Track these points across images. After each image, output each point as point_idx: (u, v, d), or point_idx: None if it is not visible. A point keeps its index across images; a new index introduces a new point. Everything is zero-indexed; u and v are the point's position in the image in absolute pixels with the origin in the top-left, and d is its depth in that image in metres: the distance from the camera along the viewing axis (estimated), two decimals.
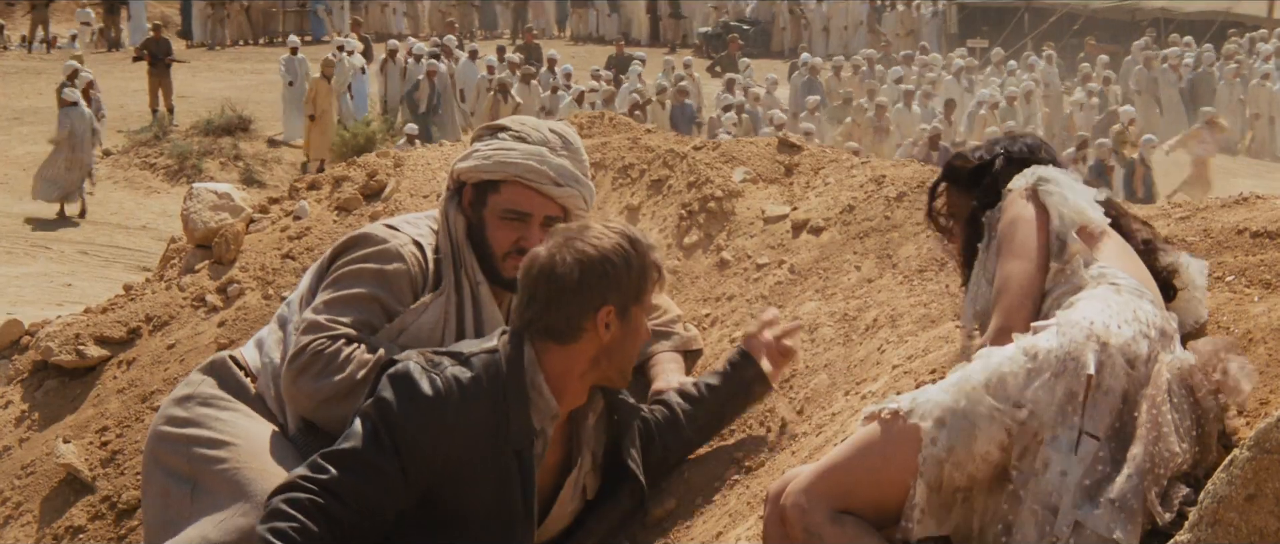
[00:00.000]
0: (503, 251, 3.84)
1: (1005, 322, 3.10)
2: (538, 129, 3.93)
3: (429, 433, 3.25)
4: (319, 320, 3.74)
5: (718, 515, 3.85)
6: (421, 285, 3.84)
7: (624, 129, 5.71)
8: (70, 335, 5.47)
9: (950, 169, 3.49)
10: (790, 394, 4.21)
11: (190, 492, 3.69)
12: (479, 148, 3.91)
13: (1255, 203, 4.02)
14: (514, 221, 3.84)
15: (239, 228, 5.69)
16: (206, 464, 3.70)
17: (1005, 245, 3.20)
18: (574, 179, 3.88)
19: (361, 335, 3.74)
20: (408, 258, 3.82)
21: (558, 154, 3.88)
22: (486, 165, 3.85)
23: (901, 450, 2.91)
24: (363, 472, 3.23)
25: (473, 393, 3.29)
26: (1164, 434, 2.84)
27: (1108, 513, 2.78)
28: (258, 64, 30.94)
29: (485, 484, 3.28)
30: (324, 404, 3.68)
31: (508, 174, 3.83)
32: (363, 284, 3.79)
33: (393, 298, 3.80)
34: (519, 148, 3.85)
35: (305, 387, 3.69)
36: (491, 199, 3.85)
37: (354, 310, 3.76)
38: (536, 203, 3.84)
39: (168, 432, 3.84)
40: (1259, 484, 2.50)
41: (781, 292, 4.62)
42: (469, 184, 3.89)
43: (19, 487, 5.13)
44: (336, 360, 3.67)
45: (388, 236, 3.86)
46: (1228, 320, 3.31)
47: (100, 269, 17.75)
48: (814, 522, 2.94)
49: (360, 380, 3.62)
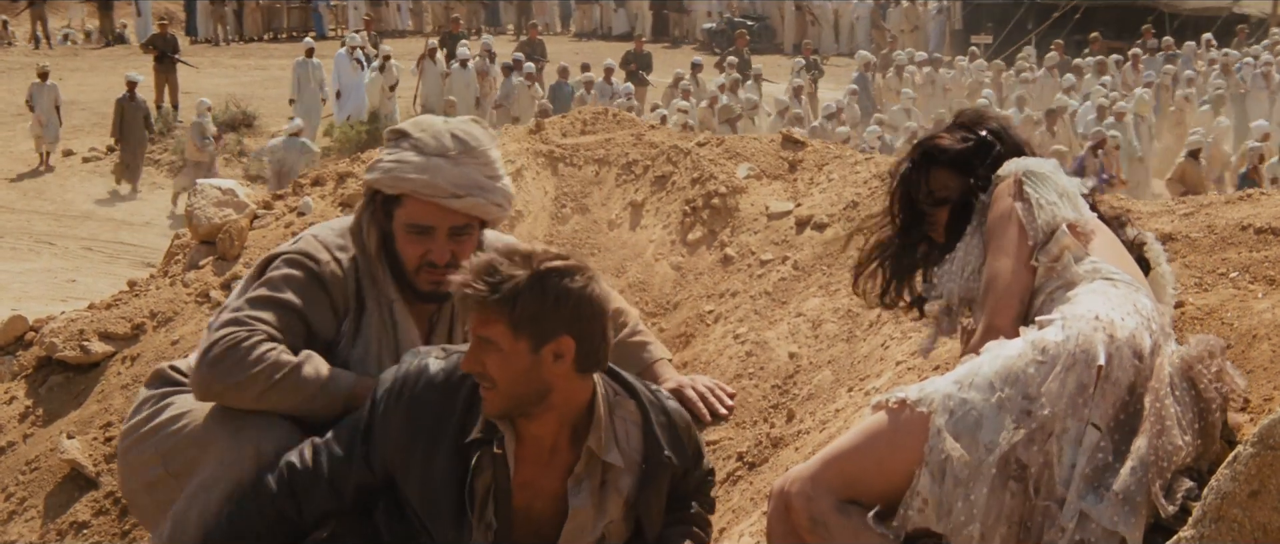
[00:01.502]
0: (413, 266, 3.72)
1: (992, 319, 3.10)
2: (437, 136, 3.75)
3: (388, 414, 3.28)
4: (237, 316, 3.65)
5: (721, 511, 3.85)
6: (342, 308, 3.74)
7: (628, 125, 5.71)
8: (74, 331, 5.48)
9: (940, 150, 3.43)
10: (794, 391, 4.21)
11: (165, 470, 3.69)
12: (382, 158, 3.77)
13: (1259, 199, 4.02)
14: (419, 236, 3.71)
15: (243, 224, 5.69)
16: (170, 440, 3.68)
17: (993, 240, 3.19)
18: (476, 188, 3.72)
19: (280, 337, 3.63)
20: (330, 280, 3.72)
21: (458, 162, 3.71)
22: (386, 179, 3.72)
23: (908, 440, 2.90)
24: (337, 447, 3.33)
25: (437, 382, 3.28)
26: (1167, 427, 2.84)
27: (1112, 506, 2.78)
28: (262, 61, 30.92)
29: (433, 474, 3.25)
30: (231, 400, 3.59)
31: (404, 189, 3.69)
32: (289, 292, 3.69)
33: (313, 317, 3.70)
34: (414, 161, 3.70)
35: (214, 382, 3.57)
36: (397, 212, 3.73)
37: (276, 312, 3.66)
38: (438, 216, 3.70)
39: (129, 442, 3.84)
40: (1263, 480, 2.50)
41: (785, 287, 4.62)
42: (379, 195, 3.77)
43: (23, 482, 5.14)
44: (250, 357, 3.55)
45: (317, 253, 3.75)
46: (1231, 317, 3.31)
47: (105, 265, 17.75)
48: (819, 510, 2.94)
49: (277, 382, 3.54)
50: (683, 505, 3.44)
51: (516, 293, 3.06)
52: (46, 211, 20.86)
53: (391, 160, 3.72)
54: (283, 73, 26.53)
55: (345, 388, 3.60)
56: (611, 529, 3.35)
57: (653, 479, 3.33)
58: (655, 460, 3.32)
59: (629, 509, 3.34)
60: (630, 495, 3.32)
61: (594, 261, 5.12)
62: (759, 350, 4.41)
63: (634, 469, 3.32)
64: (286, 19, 34.77)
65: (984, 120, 3.46)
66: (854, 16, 34.08)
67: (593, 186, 5.39)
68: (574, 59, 27.43)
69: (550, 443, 3.26)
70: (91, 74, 28.97)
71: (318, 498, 3.32)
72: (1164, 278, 3.30)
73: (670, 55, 32.81)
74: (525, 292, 3.06)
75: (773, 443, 3.99)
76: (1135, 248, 3.30)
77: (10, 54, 31.34)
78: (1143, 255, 3.30)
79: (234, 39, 33.71)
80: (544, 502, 3.30)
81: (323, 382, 3.58)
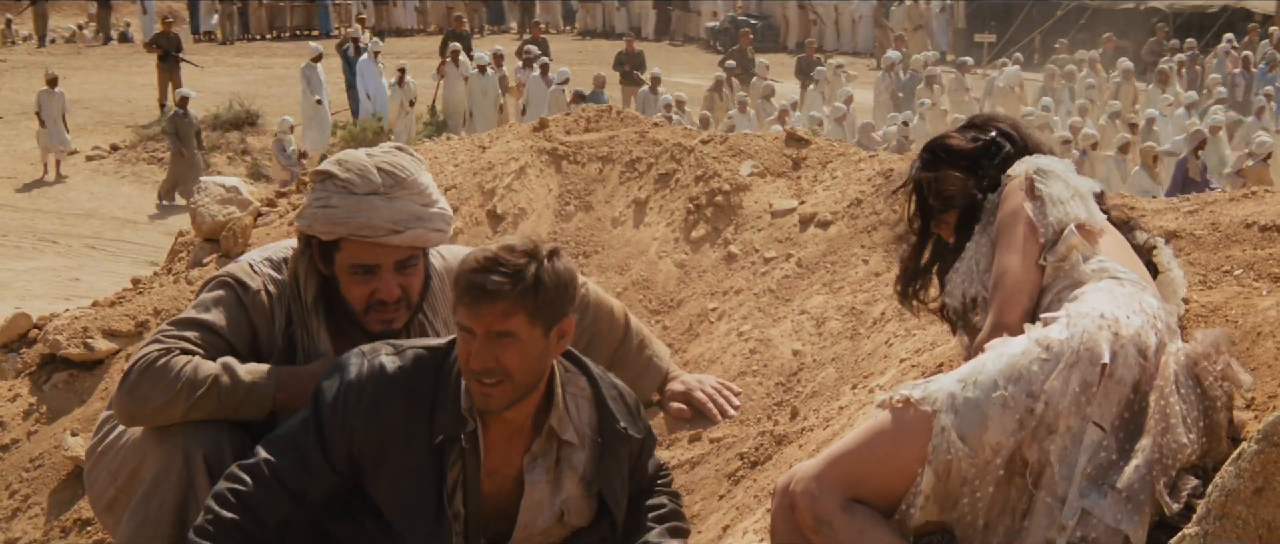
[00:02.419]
0: (362, 307, 3.66)
1: (1000, 316, 3.09)
2: (364, 175, 3.66)
3: (349, 415, 3.24)
4: (157, 336, 3.62)
5: (725, 508, 3.85)
6: (266, 339, 3.70)
7: (631, 122, 5.71)
8: (78, 329, 5.48)
9: (949, 150, 3.44)
10: (797, 388, 4.21)
11: (116, 488, 3.68)
12: (311, 202, 3.68)
13: (1264, 196, 4.02)
14: (365, 275, 3.64)
15: (247, 221, 5.70)
16: (118, 458, 3.68)
17: (1002, 237, 3.19)
18: (414, 219, 3.66)
19: (200, 352, 3.58)
20: (253, 306, 3.68)
21: (391, 198, 3.64)
22: (321, 224, 3.64)
23: (912, 438, 2.90)
24: (289, 453, 3.25)
25: (398, 381, 3.26)
26: (1172, 425, 2.84)
27: (1115, 503, 2.78)
28: (265, 59, 30.95)
29: (406, 474, 3.24)
30: (157, 422, 3.56)
31: (340, 234, 3.62)
32: (214, 313, 3.65)
33: (236, 340, 3.66)
34: (346, 204, 3.62)
35: (137, 409, 3.55)
36: (337, 256, 3.66)
37: (199, 331, 3.62)
38: (380, 254, 3.64)
39: (89, 464, 3.83)
40: (1267, 477, 2.50)
41: (789, 285, 4.62)
42: (315, 240, 3.69)
43: (27, 479, 5.14)
44: (167, 377, 3.52)
45: (248, 279, 3.70)
46: (1236, 314, 3.30)
47: (108, 263, 17.77)
48: (824, 509, 2.93)
49: (198, 400, 3.51)
50: (651, 493, 3.49)
51: (537, 281, 3.10)
52: (50, 210, 20.89)
53: (320, 205, 3.65)
54: (286, 72, 26.53)
55: (269, 390, 3.58)
56: (571, 506, 3.37)
57: (610, 451, 3.37)
58: (610, 433, 3.36)
59: (587, 485, 3.37)
60: (587, 471, 3.36)
61: (598, 259, 5.12)
62: (763, 348, 4.41)
63: (588, 444, 3.36)
64: (290, 17, 34.78)
65: (994, 122, 3.47)
66: (856, 15, 34.06)
67: (596, 184, 5.39)
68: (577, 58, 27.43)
69: (519, 425, 3.29)
70: (94, 73, 29.02)
71: (277, 507, 3.23)
72: (1175, 282, 3.30)
73: (673, 54, 32.81)
74: (544, 279, 3.11)
75: (776, 440, 3.99)
76: (1145, 252, 3.30)
77: (14, 53, 31.38)
78: (1153, 260, 3.30)
79: (242, 37, 33.73)
80: (504, 482, 3.33)
81: (245, 389, 3.56)
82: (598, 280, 4.86)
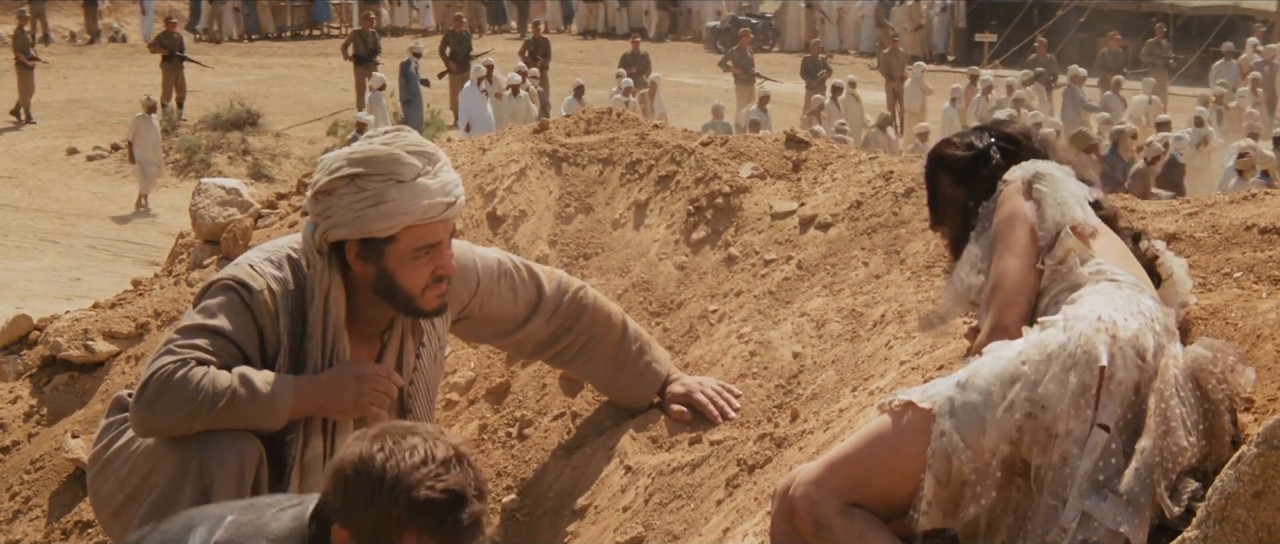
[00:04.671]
0: (421, 288, 3.71)
1: (999, 319, 3.10)
2: (401, 161, 3.65)
3: None
4: (170, 347, 3.62)
5: (725, 511, 3.85)
6: (273, 340, 3.70)
7: (631, 124, 5.71)
8: (79, 331, 5.48)
9: (943, 158, 3.46)
10: (797, 391, 4.21)
11: (125, 495, 3.68)
12: (345, 203, 3.63)
13: (1264, 199, 4.02)
14: (427, 255, 3.68)
15: (247, 223, 5.70)
16: (127, 465, 3.68)
17: (1000, 240, 3.20)
18: (455, 187, 3.73)
19: (214, 360, 3.59)
20: (259, 308, 3.68)
21: (435, 173, 3.69)
22: (378, 224, 3.63)
23: (912, 442, 2.91)
24: None
25: None
26: (1172, 428, 2.84)
27: (1115, 506, 2.78)
28: (265, 58, 30.95)
29: None
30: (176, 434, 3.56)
31: (404, 223, 3.64)
32: (221, 317, 3.65)
33: (244, 342, 3.67)
34: (400, 195, 3.62)
35: (155, 424, 3.56)
36: (390, 249, 3.66)
37: (209, 338, 3.62)
38: (440, 230, 3.70)
39: (93, 472, 3.83)
40: (1267, 481, 2.50)
41: (789, 287, 4.62)
42: (352, 242, 3.67)
43: (28, 481, 5.15)
44: (185, 392, 3.53)
45: (251, 280, 3.70)
46: (1236, 317, 3.30)
47: (109, 264, 17.77)
48: (824, 513, 2.94)
49: (218, 412, 3.51)
50: None
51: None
52: (51, 210, 20.89)
53: (371, 203, 3.63)
54: (287, 72, 26.53)
55: (287, 401, 3.60)
56: None
57: None
58: None
59: None
60: None
61: (598, 261, 5.12)
62: (763, 350, 4.42)
63: None
64: (290, 17, 34.78)
65: (994, 128, 3.48)
66: (859, 15, 34.07)
67: (597, 186, 5.39)
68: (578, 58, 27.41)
69: None
70: (95, 72, 29.03)
71: None
72: (1178, 286, 3.30)
73: (673, 52, 32.82)
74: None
75: (776, 443, 3.99)
76: (1148, 261, 3.30)
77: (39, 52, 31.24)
78: (1156, 269, 3.30)
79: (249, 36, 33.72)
80: None
81: (263, 401, 3.58)
82: (598, 282, 4.87)
